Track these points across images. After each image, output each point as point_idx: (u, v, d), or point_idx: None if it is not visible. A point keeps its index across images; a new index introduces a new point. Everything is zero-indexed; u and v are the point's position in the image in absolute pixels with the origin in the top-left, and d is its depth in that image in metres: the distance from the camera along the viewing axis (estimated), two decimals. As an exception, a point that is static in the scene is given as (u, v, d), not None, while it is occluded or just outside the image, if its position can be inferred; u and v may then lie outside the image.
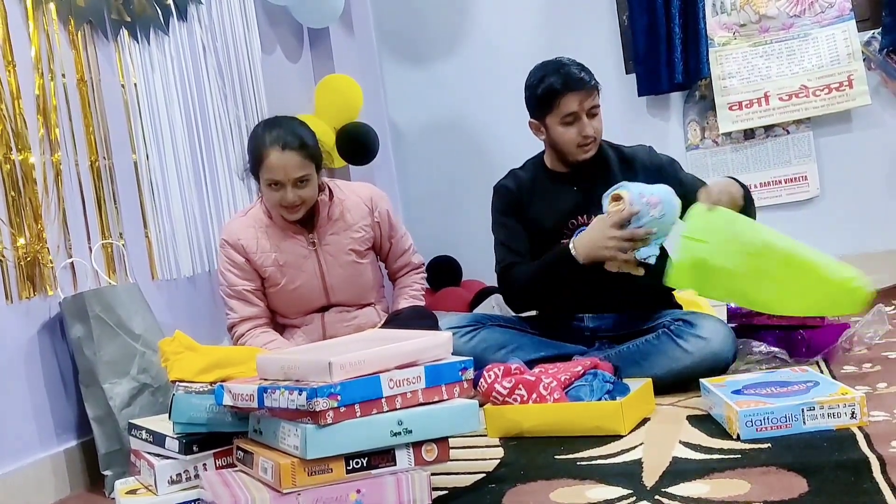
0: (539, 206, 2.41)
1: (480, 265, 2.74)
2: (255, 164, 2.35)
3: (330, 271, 2.46)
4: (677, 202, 2.11)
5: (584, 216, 2.33)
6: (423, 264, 2.72)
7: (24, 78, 2.12)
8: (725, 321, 2.38)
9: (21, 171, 2.07)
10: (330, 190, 2.47)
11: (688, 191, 2.19)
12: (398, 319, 2.41)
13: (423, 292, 2.67)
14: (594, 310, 2.37)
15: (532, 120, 2.39)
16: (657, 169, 2.38)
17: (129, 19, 2.51)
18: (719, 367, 2.11)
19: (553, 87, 2.30)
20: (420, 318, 2.38)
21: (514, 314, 2.55)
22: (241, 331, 2.44)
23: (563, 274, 2.24)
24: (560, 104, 2.30)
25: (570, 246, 2.21)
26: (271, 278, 2.43)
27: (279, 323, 2.53)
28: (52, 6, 2.24)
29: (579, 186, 2.39)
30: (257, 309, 2.45)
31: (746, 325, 2.43)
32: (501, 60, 3.80)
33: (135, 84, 2.52)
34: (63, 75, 2.26)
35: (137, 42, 2.55)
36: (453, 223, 3.89)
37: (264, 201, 2.43)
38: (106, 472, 2.01)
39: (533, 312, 2.55)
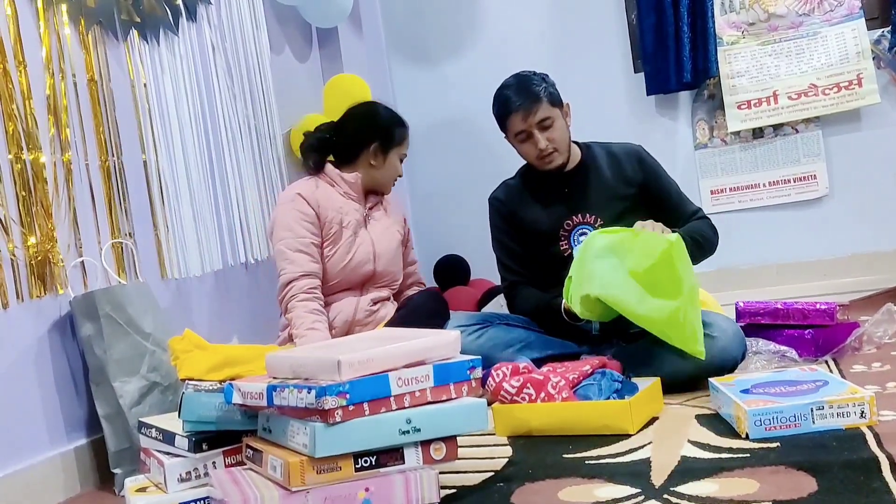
0: (533, 212, 2.49)
1: (489, 264, 2.73)
2: (399, 140, 2.62)
3: (378, 240, 2.59)
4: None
5: (578, 216, 2.42)
6: (424, 283, 2.88)
7: (34, 78, 2.13)
8: (734, 319, 2.38)
9: (32, 171, 2.08)
10: None
11: (667, 211, 2.39)
12: (411, 303, 2.51)
13: None
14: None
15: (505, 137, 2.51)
16: (638, 161, 2.47)
17: (138, 20, 2.52)
18: (728, 365, 2.11)
19: (498, 112, 2.46)
20: (432, 301, 2.52)
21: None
22: (299, 286, 2.41)
23: (554, 319, 2.38)
24: (508, 126, 2.43)
25: (563, 305, 2.31)
26: (335, 236, 2.50)
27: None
28: (62, 7, 2.25)
29: (569, 188, 2.45)
30: (318, 266, 2.48)
31: (755, 323, 2.42)
32: (510, 60, 3.79)
33: (144, 84, 2.53)
34: (73, 75, 2.27)
35: (147, 42, 2.56)
36: (462, 222, 3.88)
37: (380, 174, 2.60)
38: (116, 471, 2.02)
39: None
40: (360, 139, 2.60)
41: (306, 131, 2.69)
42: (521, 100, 2.39)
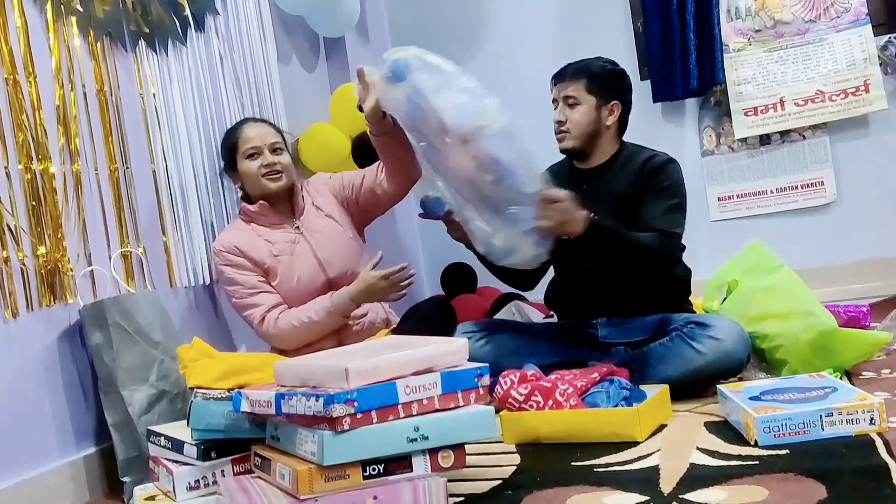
0: None
1: (496, 272, 2.74)
2: (232, 149, 2.53)
3: (320, 247, 2.53)
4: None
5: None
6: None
7: (44, 88, 2.14)
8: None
9: (41, 181, 2.10)
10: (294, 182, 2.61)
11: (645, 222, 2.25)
12: (418, 312, 2.47)
13: None
14: (607, 314, 2.37)
15: None
16: (652, 175, 2.32)
17: (147, 31, 2.54)
18: (733, 367, 2.11)
19: None
20: (439, 309, 2.49)
21: (529, 319, 2.56)
22: (272, 315, 2.43)
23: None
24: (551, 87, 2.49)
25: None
26: (270, 271, 2.48)
27: None
28: (72, 18, 2.27)
29: (587, 184, 2.40)
30: (278, 296, 2.49)
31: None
32: (516, 68, 3.81)
33: (153, 94, 2.54)
34: (83, 86, 2.28)
35: (155, 53, 2.58)
36: (469, 230, 3.88)
37: (249, 186, 2.53)
38: (125, 479, 2.02)
39: (548, 319, 2.57)
40: (223, 176, 2.68)
41: None
42: (565, 68, 2.42)
